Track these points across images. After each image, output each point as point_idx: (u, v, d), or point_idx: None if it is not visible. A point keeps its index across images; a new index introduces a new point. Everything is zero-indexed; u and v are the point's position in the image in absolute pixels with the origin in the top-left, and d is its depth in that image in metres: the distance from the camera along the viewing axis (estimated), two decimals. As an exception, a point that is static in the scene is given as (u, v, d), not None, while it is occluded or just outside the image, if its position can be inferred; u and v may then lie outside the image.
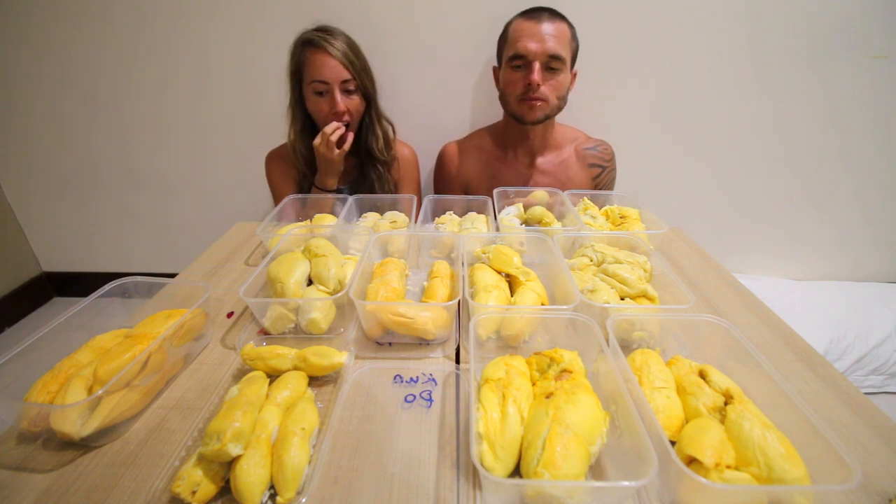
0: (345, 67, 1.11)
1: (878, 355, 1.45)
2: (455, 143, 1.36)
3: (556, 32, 1.08)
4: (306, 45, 1.11)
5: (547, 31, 1.08)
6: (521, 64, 1.11)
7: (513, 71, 1.13)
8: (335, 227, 0.93)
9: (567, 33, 1.11)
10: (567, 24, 1.12)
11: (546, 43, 1.07)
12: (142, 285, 0.69)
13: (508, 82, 1.15)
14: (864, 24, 1.31)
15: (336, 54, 1.09)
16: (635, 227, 0.93)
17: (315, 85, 1.11)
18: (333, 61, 1.09)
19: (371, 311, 0.65)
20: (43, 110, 1.55)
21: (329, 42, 1.09)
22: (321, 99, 1.13)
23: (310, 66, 1.10)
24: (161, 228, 1.79)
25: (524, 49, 1.08)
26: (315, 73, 1.10)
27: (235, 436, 0.44)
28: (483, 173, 1.30)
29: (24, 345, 0.54)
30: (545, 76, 1.10)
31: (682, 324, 0.63)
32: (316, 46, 1.09)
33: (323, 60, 1.09)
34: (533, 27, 1.08)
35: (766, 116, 1.45)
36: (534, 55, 1.08)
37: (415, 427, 0.54)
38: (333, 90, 1.11)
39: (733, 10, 1.30)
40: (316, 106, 1.14)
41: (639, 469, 0.41)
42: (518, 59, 1.10)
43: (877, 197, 1.57)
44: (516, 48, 1.09)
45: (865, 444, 0.52)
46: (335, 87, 1.11)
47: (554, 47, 1.08)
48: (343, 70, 1.11)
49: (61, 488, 0.47)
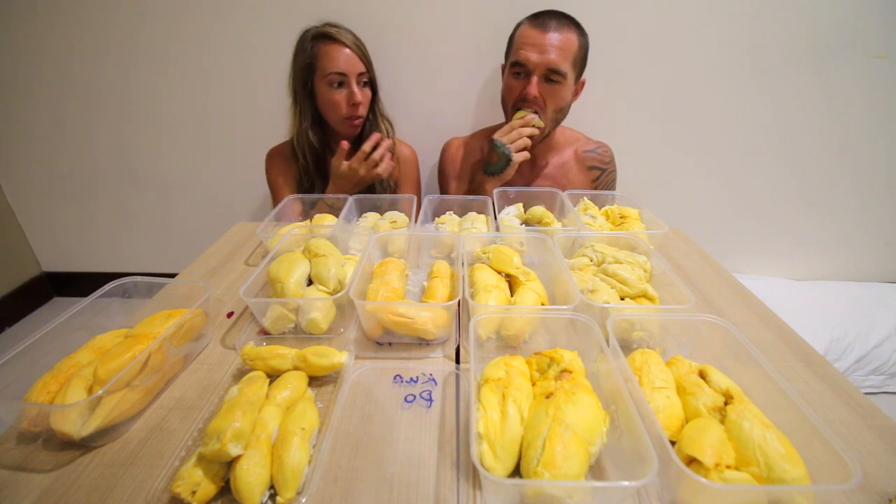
0: (360, 59, 1.12)
1: (878, 355, 1.45)
2: (460, 139, 1.36)
3: (560, 43, 1.04)
4: (320, 38, 1.11)
5: (551, 42, 1.04)
6: (520, 72, 1.09)
7: (512, 77, 1.11)
8: (335, 227, 0.93)
9: (574, 44, 1.06)
10: (576, 33, 1.07)
11: (548, 55, 1.04)
12: (142, 285, 0.69)
13: (507, 87, 1.14)
14: (864, 24, 1.31)
15: (352, 46, 1.11)
16: (635, 227, 0.93)
17: (332, 77, 1.11)
18: (350, 53, 1.11)
19: (371, 311, 0.65)
20: (43, 110, 1.55)
21: (343, 35, 1.11)
22: (336, 91, 1.13)
23: (325, 58, 1.10)
24: (161, 228, 1.79)
25: (524, 59, 1.06)
26: (331, 66, 1.10)
27: (235, 436, 0.44)
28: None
29: (24, 345, 0.54)
30: (544, 88, 1.08)
31: (682, 324, 0.63)
32: (331, 39, 1.10)
33: (339, 52, 1.10)
34: (537, 36, 1.05)
35: (766, 117, 1.45)
36: (534, 66, 1.05)
37: (415, 427, 0.54)
38: (350, 82, 1.12)
39: (733, 10, 1.30)
40: (330, 98, 1.13)
41: (639, 469, 0.41)
42: (518, 66, 1.08)
43: (877, 197, 1.57)
44: (518, 55, 1.07)
45: (865, 444, 0.52)
46: (352, 79, 1.12)
47: (555, 60, 1.04)
48: (359, 62, 1.12)
49: (61, 488, 0.47)
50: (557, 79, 1.07)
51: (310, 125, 1.19)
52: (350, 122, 1.17)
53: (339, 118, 1.16)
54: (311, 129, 1.19)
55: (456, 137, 1.37)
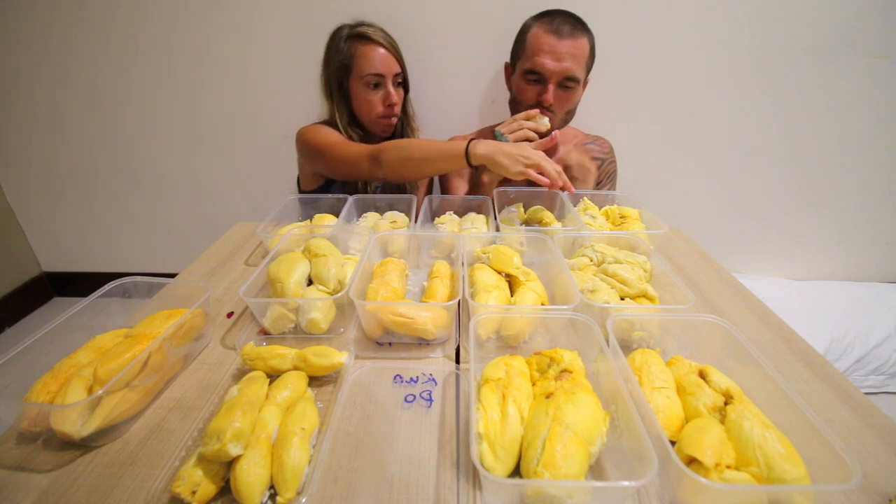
0: (395, 59, 1.13)
1: (878, 355, 1.45)
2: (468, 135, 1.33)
3: (575, 50, 1.05)
4: (355, 38, 1.11)
5: (567, 50, 1.04)
6: (535, 79, 1.08)
7: (526, 83, 1.10)
8: (335, 227, 0.93)
9: (586, 48, 1.07)
10: (587, 36, 1.07)
11: (564, 62, 1.04)
12: (142, 285, 0.69)
13: (521, 91, 1.13)
14: (864, 24, 1.31)
15: (387, 46, 1.11)
16: (635, 227, 0.93)
17: (369, 78, 1.11)
18: (385, 53, 1.11)
19: (371, 311, 0.65)
20: (43, 110, 1.55)
21: (378, 34, 1.11)
22: (373, 92, 1.13)
23: (362, 59, 1.10)
24: (161, 228, 1.79)
25: (541, 67, 1.05)
26: (368, 67, 1.10)
27: (235, 436, 0.44)
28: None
29: (24, 345, 0.54)
30: (558, 93, 1.08)
31: (682, 324, 0.63)
32: (369, 40, 1.10)
33: (375, 53, 1.10)
34: (554, 43, 1.04)
35: (766, 116, 1.45)
36: (550, 74, 1.05)
37: (415, 427, 0.54)
38: (386, 82, 1.12)
39: (733, 10, 1.30)
40: (367, 99, 1.14)
41: (639, 469, 0.41)
42: (533, 73, 1.07)
43: (877, 197, 1.57)
44: (533, 63, 1.06)
45: (865, 444, 0.52)
46: (388, 80, 1.12)
47: (571, 68, 1.05)
48: (394, 62, 1.13)
49: (61, 488, 0.47)
50: (572, 85, 1.08)
51: (347, 123, 1.19)
52: (385, 121, 1.17)
53: (373, 118, 1.16)
54: (349, 127, 1.19)
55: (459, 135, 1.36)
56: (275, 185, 1.63)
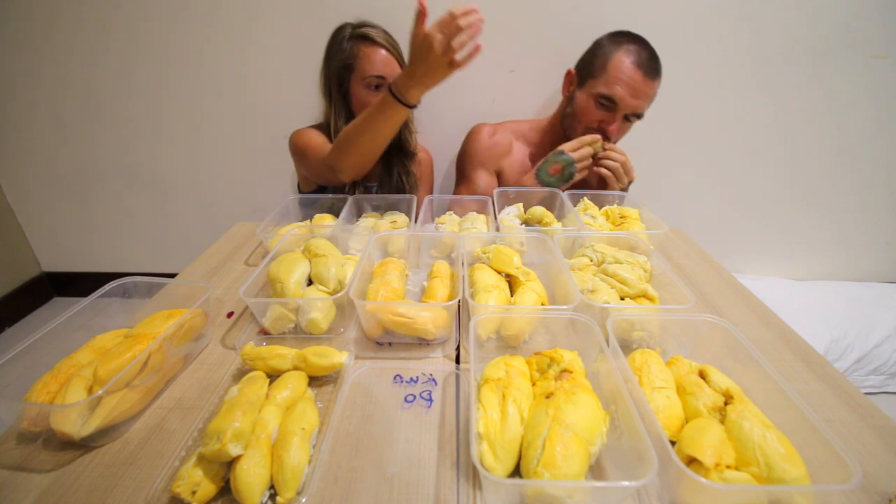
0: (396, 61, 1.13)
1: (878, 355, 1.45)
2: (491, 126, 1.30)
3: (651, 91, 1.07)
4: (360, 39, 1.11)
5: (646, 90, 1.06)
6: (606, 105, 1.08)
7: (595, 104, 1.09)
8: (335, 227, 0.93)
9: (657, 90, 1.10)
10: (660, 79, 1.09)
11: (640, 100, 1.06)
12: (142, 285, 0.69)
13: (585, 111, 1.12)
14: (864, 24, 1.31)
15: (388, 47, 1.11)
16: (635, 227, 0.93)
17: (370, 79, 1.11)
18: (387, 55, 1.11)
19: (371, 311, 0.65)
20: (43, 110, 1.55)
21: (380, 35, 1.11)
22: (373, 94, 1.13)
23: (364, 60, 1.10)
24: (161, 228, 1.79)
25: (619, 97, 1.05)
26: (370, 68, 1.10)
27: (235, 436, 0.44)
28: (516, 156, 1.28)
29: (24, 345, 0.54)
30: (621, 125, 1.10)
31: (682, 324, 0.63)
32: (372, 41, 1.10)
33: (377, 54, 1.10)
34: (639, 80, 1.04)
35: (766, 116, 1.45)
36: (624, 107, 1.06)
37: (415, 427, 0.54)
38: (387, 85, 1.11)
39: (733, 10, 1.30)
40: (367, 101, 1.13)
41: (639, 469, 0.41)
42: (607, 100, 1.07)
43: (877, 197, 1.57)
44: (612, 91, 1.05)
45: (865, 444, 0.52)
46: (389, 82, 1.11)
47: (644, 106, 1.08)
48: (396, 64, 1.13)
49: (61, 488, 0.47)
50: (634, 120, 1.11)
51: (345, 124, 1.17)
52: None
53: None
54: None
55: (486, 123, 1.30)
56: (275, 185, 1.63)
